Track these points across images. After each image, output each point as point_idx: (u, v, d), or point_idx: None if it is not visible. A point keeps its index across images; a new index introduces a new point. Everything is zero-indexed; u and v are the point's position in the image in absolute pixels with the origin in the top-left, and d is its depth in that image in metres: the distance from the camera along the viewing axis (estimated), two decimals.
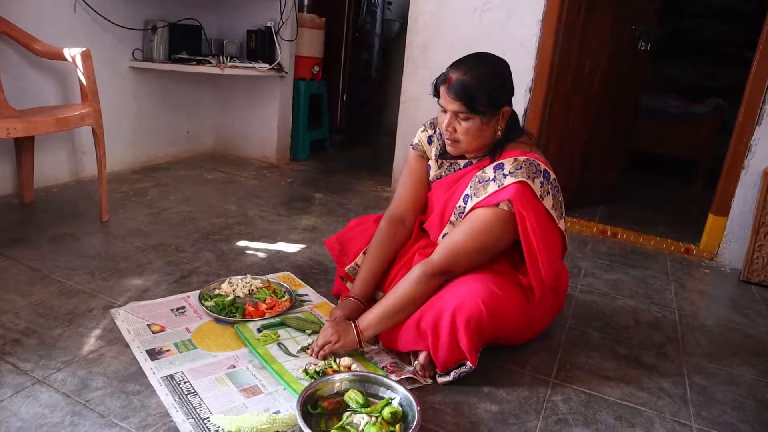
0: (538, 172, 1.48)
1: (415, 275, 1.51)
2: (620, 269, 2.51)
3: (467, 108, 1.47)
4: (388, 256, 1.72)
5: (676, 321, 2.06)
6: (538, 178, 1.48)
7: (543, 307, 1.66)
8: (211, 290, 1.87)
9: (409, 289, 1.50)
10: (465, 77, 1.46)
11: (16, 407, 1.27)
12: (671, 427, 1.44)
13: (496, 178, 1.49)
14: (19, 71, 2.67)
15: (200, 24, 3.55)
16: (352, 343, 1.53)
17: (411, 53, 3.25)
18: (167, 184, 3.15)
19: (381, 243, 1.72)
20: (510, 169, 1.47)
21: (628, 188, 3.86)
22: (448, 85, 1.48)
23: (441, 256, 1.51)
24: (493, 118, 1.51)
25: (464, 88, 1.45)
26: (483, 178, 1.52)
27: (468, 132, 1.51)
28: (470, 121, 1.49)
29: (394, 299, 1.51)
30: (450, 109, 1.50)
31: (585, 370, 1.66)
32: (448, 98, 1.48)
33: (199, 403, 1.33)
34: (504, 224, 1.48)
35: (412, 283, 1.50)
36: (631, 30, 3.13)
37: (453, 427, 1.35)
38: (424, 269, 1.51)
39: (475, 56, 1.53)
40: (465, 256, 1.51)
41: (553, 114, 3.02)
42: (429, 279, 1.50)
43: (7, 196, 2.68)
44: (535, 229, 1.45)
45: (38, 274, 1.93)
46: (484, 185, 1.50)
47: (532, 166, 1.48)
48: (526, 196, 1.45)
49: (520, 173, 1.46)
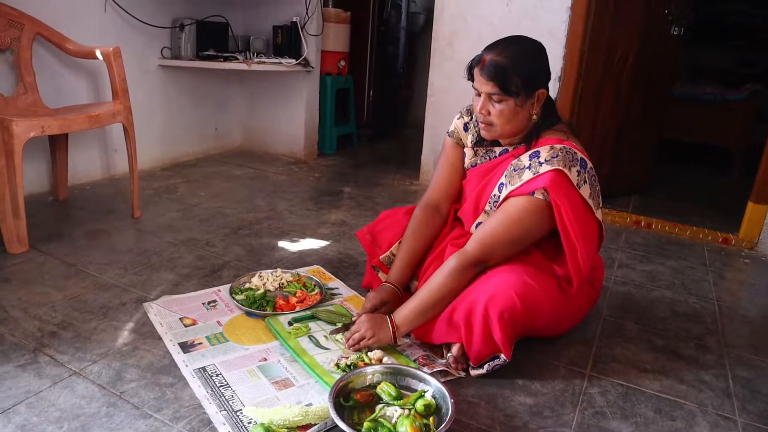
0: (575, 161, 1.45)
1: (450, 267, 1.48)
2: (656, 260, 2.45)
3: (501, 89, 1.44)
4: (424, 243, 1.70)
5: (716, 312, 1.99)
6: (575, 167, 1.44)
7: (578, 300, 1.63)
8: (241, 284, 1.88)
9: (444, 281, 1.48)
10: (498, 58, 1.43)
11: (54, 398, 1.29)
12: (714, 421, 1.39)
13: (532, 166, 1.45)
14: (53, 71, 2.72)
15: (227, 21, 3.57)
16: (386, 338, 1.51)
17: (437, 45, 3.22)
18: (197, 181, 3.18)
19: (416, 230, 1.70)
20: (546, 157, 1.44)
21: (661, 178, 3.77)
22: (482, 67, 1.45)
23: (475, 246, 1.48)
24: (527, 100, 1.47)
25: (497, 69, 1.43)
26: (518, 166, 1.49)
27: (502, 114, 1.48)
28: (504, 103, 1.46)
29: (429, 293, 1.49)
30: (484, 91, 1.47)
31: (621, 363, 1.62)
32: (482, 79, 1.46)
33: (231, 396, 1.34)
34: (539, 213, 1.45)
35: (447, 276, 1.48)
36: (663, 14, 3.04)
37: (487, 420, 1.32)
38: (459, 261, 1.48)
39: (509, 38, 1.50)
40: (500, 246, 1.48)
41: (583, 103, 2.96)
42: (463, 271, 1.48)
43: (42, 194, 2.74)
44: (571, 219, 1.41)
45: (73, 269, 1.96)
46: (519, 173, 1.47)
47: (568, 155, 1.44)
48: (562, 185, 1.42)
49: (557, 161, 1.42)
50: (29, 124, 2.02)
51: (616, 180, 3.24)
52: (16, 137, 1.97)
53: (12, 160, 1.98)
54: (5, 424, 1.20)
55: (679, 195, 3.58)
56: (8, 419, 1.21)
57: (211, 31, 3.45)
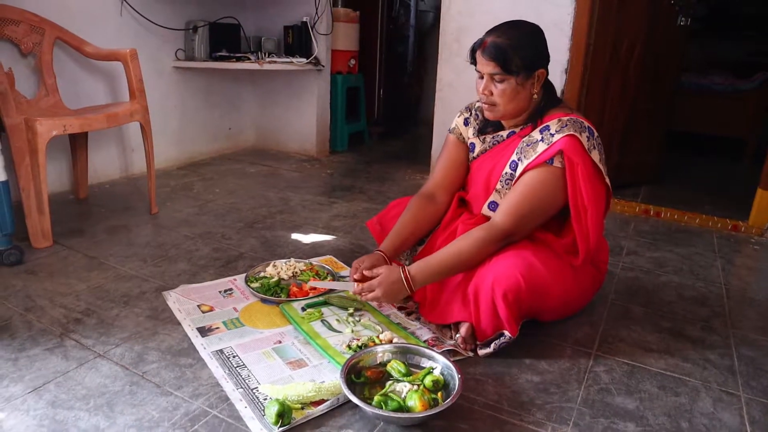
0: (584, 128, 1.52)
1: (477, 236, 1.51)
2: (664, 247, 2.47)
3: (502, 68, 1.49)
4: (416, 225, 1.76)
5: (723, 295, 2.01)
6: (584, 133, 1.51)
7: (583, 282, 1.66)
8: (256, 273, 1.94)
9: (469, 248, 1.51)
10: (499, 39, 1.50)
11: (80, 377, 1.36)
12: (717, 396, 1.42)
13: (544, 138, 1.52)
14: (73, 74, 2.82)
15: (239, 22, 3.64)
16: (401, 290, 1.50)
17: (445, 41, 3.27)
18: (211, 178, 3.26)
19: (411, 211, 1.76)
20: (556, 128, 1.51)
21: (670, 168, 3.78)
22: (483, 48, 1.51)
23: (504, 219, 1.52)
24: (527, 80, 1.53)
25: (498, 49, 1.48)
26: (530, 141, 1.55)
27: (504, 94, 1.53)
28: (505, 82, 1.52)
29: (451, 255, 1.52)
30: (486, 72, 1.53)
31: (627, 343, 1.65)
32: (483, 60, 1.52)
33: (248, 375, 1.39)
34: (557, 181, 1.51)
35: (472, 244, 1.51)
36: (669, 4, 3.06)
37: (494, 396, 1.37)
38: (488, 231, 1.51)
39: (509, 22, 1.56)
40: (527, 218, 1.53)
41: (590, 94, 2.98)
42: (491, 242, 1.51)
43: (63, 192, 2.83)
44: (585, 178, 1.48)
45: (95, 262, 2.04)
46: (533, 146, 1.54)
47: (576, 123, 1.51)
48: (576, 146, 1.48)
49: (566, 129, 1.49)
50: (52, 123, 2.10)
51: (625, 170, 3.26)
52: (39, 136, 2.06)
53: (36, 158, 2.07)
54: (37, 400, 1.27)
55: (689, 185, 3.59)
56: (39, 396, 1.28)
57: (224, 32, 3.53)
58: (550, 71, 1.59)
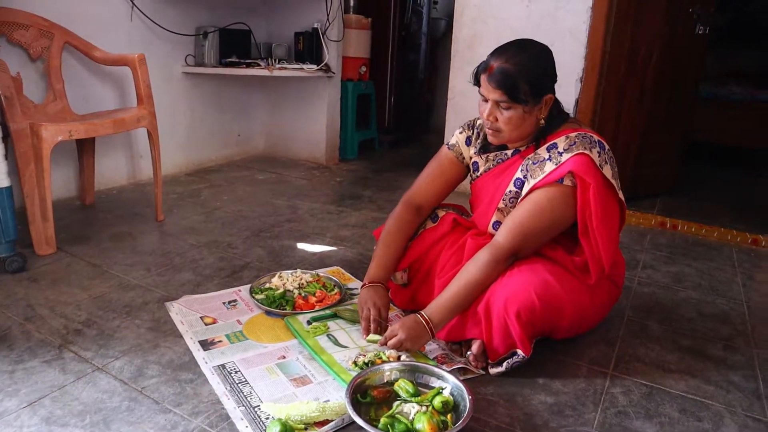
0: (594, 143, 1.45)
1: (483, 260, 1.46)
2: (682, 261, 2.40)
3: (509, 97, 1.44)
4: (404, 241, 1.71)
5: (745, 313, 1.94)
6: (595, 148, 1.45)
7: (599, 297, 1.60)
8: (261, 284, 1.89)
9: (478, 275, 1.45)
10: (506, 65, 1.43)
11: (77, 392, 1.32)
12: (743, 422, 1.35)
13: (552, 157, 1.46)
14: (81, 79, 2.80)
15: (249, 28, 3.62)
16: (426, 337, 1.45)
17: (457, 48, 3.22)
18: (219, 185, 3.22)
19: (399, 227, 1.70)
20: (564, 146, 1.45)
21: (688, 179, 3.70)
22: (489, 74, 1.45)
23: (507, 238, 1.46)
24: (535, 106, 1.47)
25: (506, 77, 1.42)
26: (537, 159, 1.49)
27: (510, 121, 1.47)
28: (512, 110, 1.46)
29: (462, 287, 1.46)
30: (491, 98, 1.47)
31: (645, 363, 1.58)
32: (489, 87, 1.46)
33: (249, 392, 1.34)
34: (567, 199, 1.45)
35: (481, 269, 1.45)
36: (687, 13, 2.99)
37: (506, 419, 1.31)
38: (492, 253, 1.46)
39: (516, 43, 1.49)
40: (532, 236, 1.47)
41: (606, 104, 2.92)
42: (497, 263, 1.45)
43: (70, 198, 2.81)
44: (596, 199, 1.41)
45: (98, 270, 2.00)
46: (540, 165, 1.48)
47: (585, 139, 1.45)
48: (587, 165, 1.42)
49: (575, 147, 1.43)
50: (57, 129, 2.07)
51: (641, 182, 3.19)
52: (44, 141, 2.03)
53: (41, 164, 2.04)
54: (31, 416, 1.22)
55: (708, 197, 3.49)
56: (33, 411, 1.24)
57: (234, 38, 3.51)
58: (565, 80, 1.55)
